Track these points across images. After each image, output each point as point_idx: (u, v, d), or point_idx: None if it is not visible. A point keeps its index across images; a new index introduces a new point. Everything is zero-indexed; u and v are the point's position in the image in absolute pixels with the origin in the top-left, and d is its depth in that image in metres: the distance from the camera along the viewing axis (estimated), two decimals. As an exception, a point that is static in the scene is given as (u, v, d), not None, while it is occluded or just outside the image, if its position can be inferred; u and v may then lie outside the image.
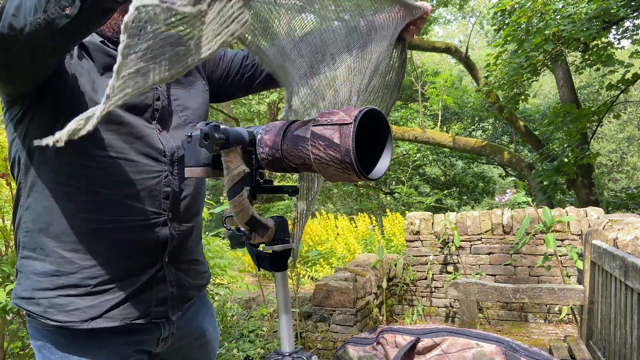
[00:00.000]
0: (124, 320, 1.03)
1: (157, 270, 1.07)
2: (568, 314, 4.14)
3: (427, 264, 4.71)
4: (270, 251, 0.86)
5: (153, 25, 0.53)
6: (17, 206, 1.05)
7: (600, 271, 2.40)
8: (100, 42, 1.03)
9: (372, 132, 0.86)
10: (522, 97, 7.36)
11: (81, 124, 0.60)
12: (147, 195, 1.04)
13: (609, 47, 6.50)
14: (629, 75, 6.78)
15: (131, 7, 0.52)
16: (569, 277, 4.07)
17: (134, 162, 1.02)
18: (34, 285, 1.01)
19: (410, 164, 12.50)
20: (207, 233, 3.53)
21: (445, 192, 13.43)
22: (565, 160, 7.06)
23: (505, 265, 4.46)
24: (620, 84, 6.94)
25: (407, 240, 4.82)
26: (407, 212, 6.70)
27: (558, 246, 4.13)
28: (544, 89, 22.50)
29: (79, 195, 1.00)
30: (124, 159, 1.01)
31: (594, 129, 7.92)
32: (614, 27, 6.64)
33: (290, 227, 0.92)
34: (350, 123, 0.76)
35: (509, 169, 11.62)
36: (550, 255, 3.82)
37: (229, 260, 3.29)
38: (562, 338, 3.88)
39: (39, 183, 1.00)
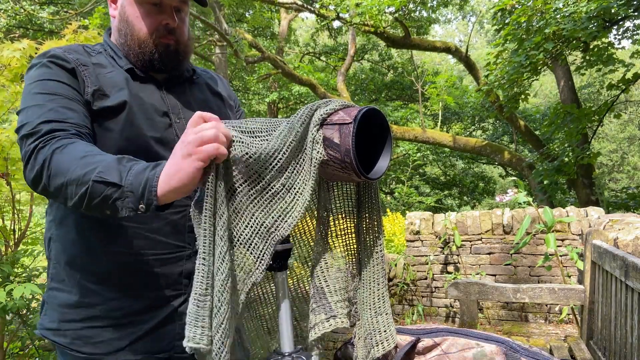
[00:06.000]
0: (147, 354, 1.03)
1: (181, 303, 1.07)
2: (568, 314, 4.14)
3: (427, 263, 4.70)
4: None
5: None
6: (49, 239, 1.07)
7: (600, 271, 2.39)
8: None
9: (372, 131, 0.86)
10: (523, 96, 7.34)
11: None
12: (171, 229, 1.05)
13: (609, 48, 6.48)
14: (629, 75, 6.76)
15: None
16: (570, 277, 4.06)
17: None
18: (60, 316, 1.03)
19: (410, 163, 12.48)
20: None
21: (446, 192, 13.41)
22: (566, 160, 7.05)
23: (505, 265, 4.46)
24: (620, 84, 6.93)
25: (408, 240, 4.81)
26: (407, 212, 6.68)
27: (558, 246, 4.12)
28: (545, 89, 22.50)
29: (104, 229, 1.01)
30: None
31: (594, 129, 7.91)
32: (615, 27, 6.62)
33: None
34: (350, 123, 0.75)
35: (510, 168, 11.60)
36: (550, 255, 3.81)
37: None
38: (563, 338, 3.87)
39: (68, 217, 1.03)
